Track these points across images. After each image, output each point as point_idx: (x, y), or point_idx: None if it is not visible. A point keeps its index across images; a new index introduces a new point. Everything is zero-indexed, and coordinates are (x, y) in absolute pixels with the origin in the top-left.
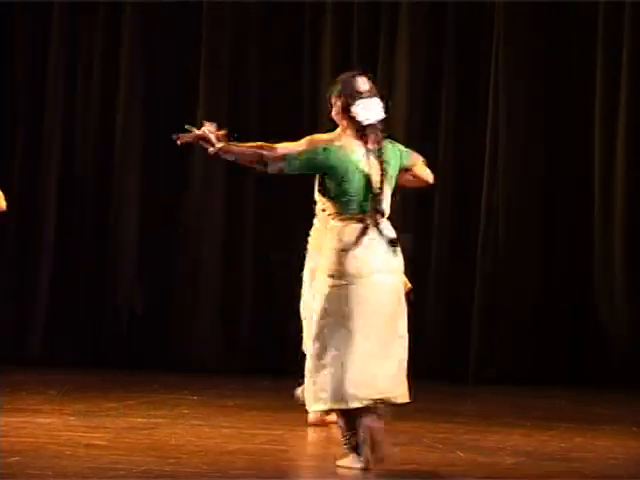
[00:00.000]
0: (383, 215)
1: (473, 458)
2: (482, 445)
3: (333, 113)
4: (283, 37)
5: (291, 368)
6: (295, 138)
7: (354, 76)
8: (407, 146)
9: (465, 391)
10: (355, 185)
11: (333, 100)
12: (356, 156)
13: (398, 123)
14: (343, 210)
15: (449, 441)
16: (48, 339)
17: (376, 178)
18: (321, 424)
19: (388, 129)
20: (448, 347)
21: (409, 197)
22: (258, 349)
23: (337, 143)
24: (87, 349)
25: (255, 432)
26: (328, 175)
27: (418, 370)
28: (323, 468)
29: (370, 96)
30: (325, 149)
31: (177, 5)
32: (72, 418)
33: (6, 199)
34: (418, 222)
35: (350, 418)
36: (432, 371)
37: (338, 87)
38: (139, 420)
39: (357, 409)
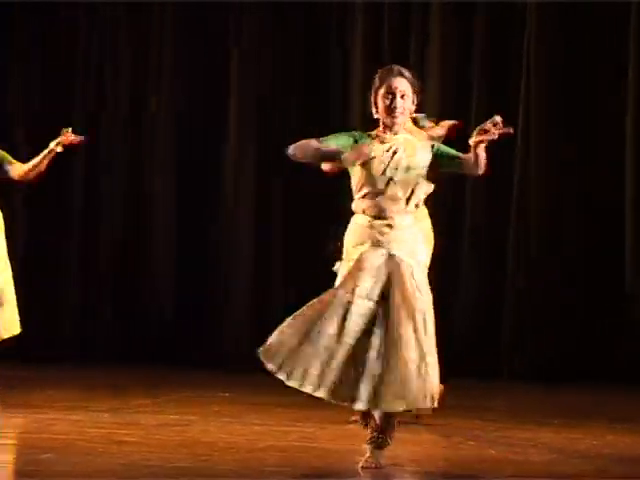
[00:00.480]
0: None
1: (504, 455)
2: (513, 442)
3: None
4: (313, 37)
5: None
6: (325, 136)
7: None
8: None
9: (496, 387)
10: None
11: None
12: None
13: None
14: None
15: (480, 438)
16: (79, 336)
17: None
18: None
19: None
20: (479, 344)
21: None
22: None
23: None
24: (119, 346)
25: (287, 429)
26: None
27: (449, 367)
28: (355, 465)
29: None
30: None
31: (205, 5)
32: (104, 415)
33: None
34: (449, 222)
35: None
36: (463, 368)
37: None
38: (170, 417)
39: None
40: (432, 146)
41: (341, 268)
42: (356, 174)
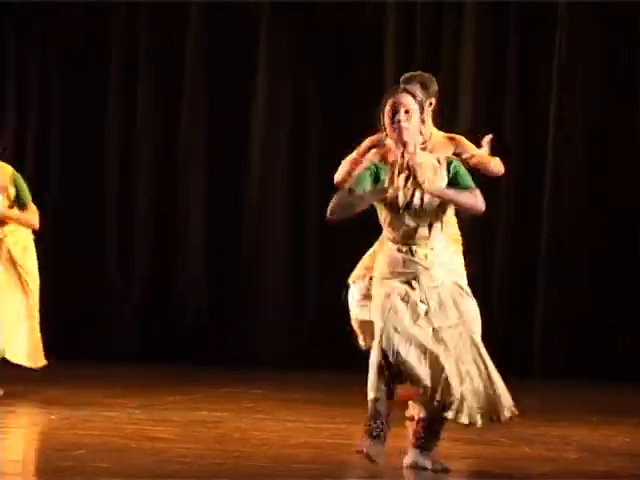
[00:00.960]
0: None
1: (538, 452)
2: (547, 439)
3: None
4: (345, 37)
5: (353, 363)
6: (357, 138)
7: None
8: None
9: (530, 385)
10: None
11: None
12: None
13: (464, 120)
14: None
15: (514, 435)
16: (113, 333)
17: None
18: None
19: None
20: (512, 341)
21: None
22: (321, 344)
23: None
24: (152, 343)
25: (319, 426)
26: None
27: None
28: (388, 463)
29: None
30: None
31: (236, 5)
32: (137, 412)
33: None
34: (483, 222)
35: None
36: (496, 365)
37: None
38: (204, 414)
39: None
40: (449, 165)
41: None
42: (381, 208)
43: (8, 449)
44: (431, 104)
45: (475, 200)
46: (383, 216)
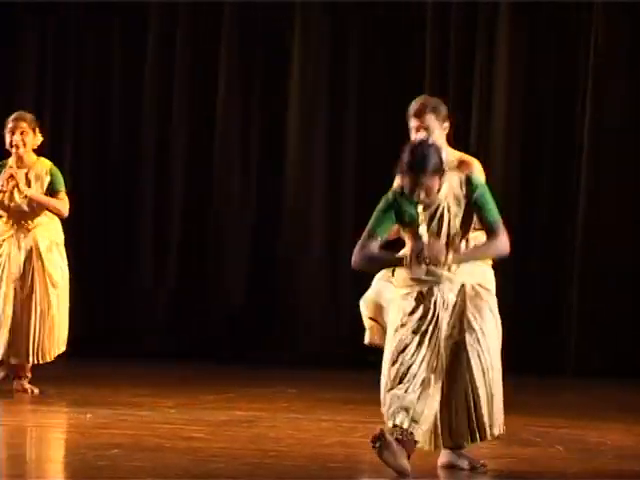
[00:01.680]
0: None
1: (573, 452)
2: (582, 439)
3: None
4: (382, 38)
5: None
6: (390, 138)
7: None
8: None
9: (563, 384)
10: None
11: None
12: None
13: (497, 120)
14: None
15: (548, 435)
16: (148, 333)
17: None
18: None
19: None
20: (548, 339)
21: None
22: (358, 343)
23: None
24: (187, 342)
25: (354, 425)
26: None
27: (517, 363)
28: (423, 464)
29: None
30: None
31: (270, 5)
32: (172, 411)
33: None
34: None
35: None
36: (532, 364)
37: None
38: (238, 413)
39: None
40: (471, 190)
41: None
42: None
43: (43, 449)
44: (445, 128)
45: (497, 249)
46: (405, 236)
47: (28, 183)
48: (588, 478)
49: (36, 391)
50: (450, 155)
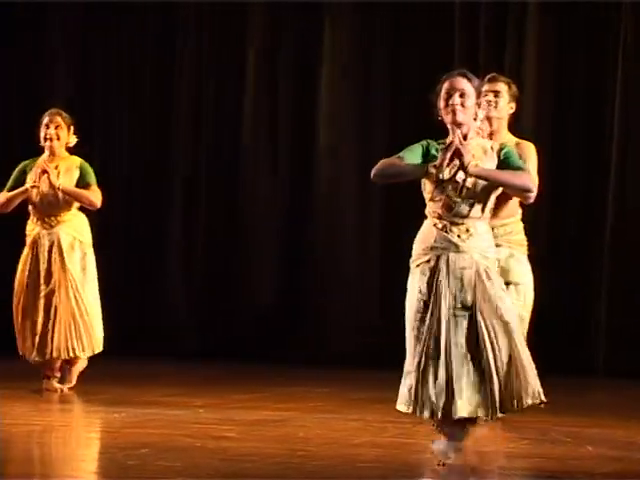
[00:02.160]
0: None
1: (602, 452)
2: (611, 439)
3: None
4: (412, 38)
5: None
6: (419, 135)
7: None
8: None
9: (594, 384)
10: None
11: None
12: None
13: (527, 121)
14: None
15: (578, 435)
16: (178, 333)
17: None
18: None
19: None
20: (576, 339)
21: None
22: (387, 342)
23: None
24: (218, 343)
25: (384, 425)
26: None
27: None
28: (452, 463)
29: None
30: None
31: (299, 5)
32: (202, 410)
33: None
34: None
35: None
36: (560, 363)
37: None
38: (267, 413)
39: None
40: (501, 151)
41: (412, 273)
42: (427, 180)
43: (73, 448)
44: (512, 108)
45: (521, 179)
46: (427, 189)
47: (58, 177)
48: (617, 478)
49: (65, 390)
50: (508, 136)
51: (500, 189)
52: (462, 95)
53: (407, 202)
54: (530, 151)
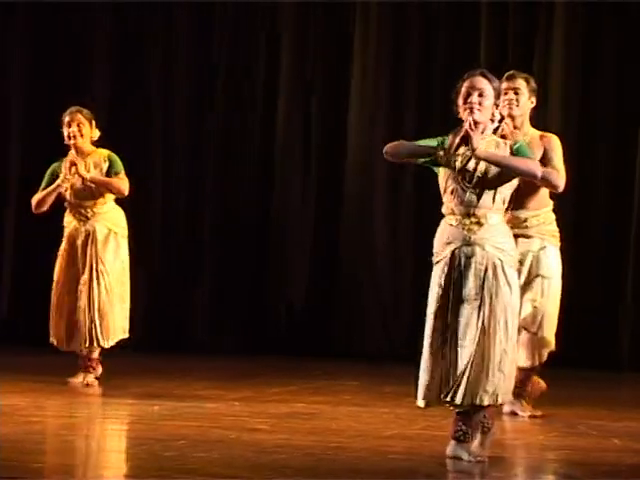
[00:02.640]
0: None
1: (627, 445)
2: (636, 432)
3: None
4: (439, 38)
5: None
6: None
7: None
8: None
9: (619, 378)
10: None
11: None
12: None
13: (553, 124)
14: None
15: (603, 428)
16: (214, 327)
17: None
18: None
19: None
20: (601, 333)
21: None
22: (417, 336)
23: None
24: (251, 336)
25: (413, 417)
26: None
27: (572, 357)
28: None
29: None
30: None
31: (330, 4)
32: (236, 404)
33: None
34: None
35: None
36: (586, 358)
37: None
38: (301, 405)
39: None
40: (513, 145)
41: (433, 270)
42: (441, 173)
43: (110, 440)
44: (532, 102)
45: (527, 164)
46: (442, 184)
47: (88, 171)
48: None
49: (95, 382)
50: (531, 130)
51: (515, 182)
52: (481, 94)
53: (437, 203)
54: (555, 143)
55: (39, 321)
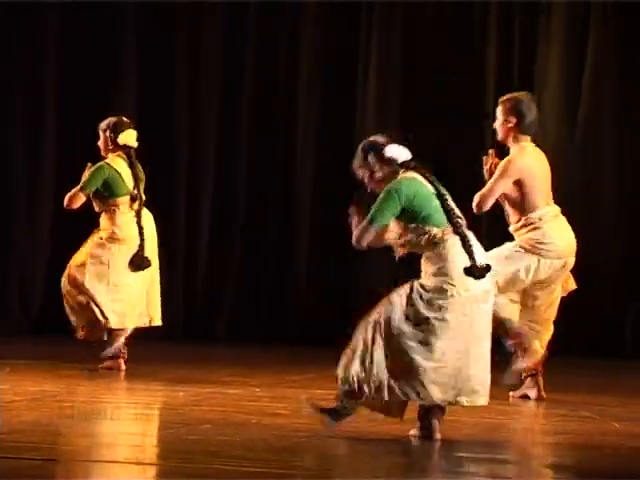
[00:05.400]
0: None
1: (628, 428)
2: (636, 416)
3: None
4: (449, 38)
5: None
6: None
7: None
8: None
9: (620, 365)
10: None
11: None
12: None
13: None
14: None
15: (605, 413)
16: (238, 316)
17: None
18: None
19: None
20: (604, 321)
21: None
22: None
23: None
24: (276, 325)
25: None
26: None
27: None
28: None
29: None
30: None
31: (343, 5)
32: (258, 390)
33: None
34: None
35: None
36: (589, 346)
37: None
38: (319, 392)
39: None
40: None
41: None
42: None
43: (139, 424)
44: (509, 121)
45: (356, 230)
46: None
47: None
48: None
49: (123, 366)
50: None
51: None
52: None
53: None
54: (501, 165)
55: None
